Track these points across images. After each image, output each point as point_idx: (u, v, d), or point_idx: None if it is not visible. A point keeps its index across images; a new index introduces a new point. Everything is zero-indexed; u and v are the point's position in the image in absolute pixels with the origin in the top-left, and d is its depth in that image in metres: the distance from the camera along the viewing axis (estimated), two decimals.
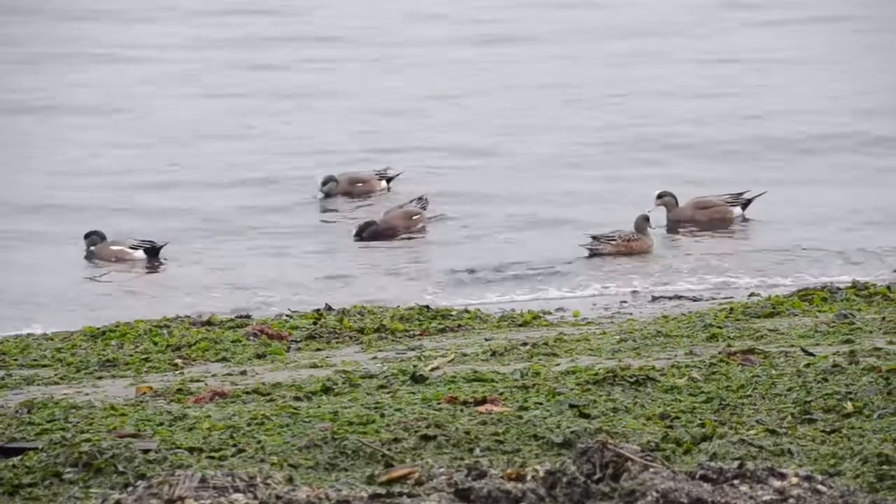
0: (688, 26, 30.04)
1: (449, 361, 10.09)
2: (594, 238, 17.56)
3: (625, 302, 15.02)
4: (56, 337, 12.18)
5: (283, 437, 7.56)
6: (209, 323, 12.48)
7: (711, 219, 18.33)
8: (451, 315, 12.82)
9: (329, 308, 13.53)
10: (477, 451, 7.36)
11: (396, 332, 12.02)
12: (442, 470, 6.28)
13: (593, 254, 17.47)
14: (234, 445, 7.45)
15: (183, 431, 7.79)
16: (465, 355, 10.39)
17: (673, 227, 18.28)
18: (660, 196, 18.28)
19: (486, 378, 9.06)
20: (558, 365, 9.66)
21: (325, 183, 19.41)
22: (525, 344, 10.70)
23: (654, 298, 15.07)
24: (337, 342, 11.76)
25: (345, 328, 12.16)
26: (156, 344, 11.50)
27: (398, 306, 13.60)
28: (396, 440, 7.44)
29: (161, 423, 7.99)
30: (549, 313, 13.55)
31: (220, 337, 11.71)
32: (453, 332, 12.15)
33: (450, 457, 7.26)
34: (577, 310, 13.89)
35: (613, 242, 17.48)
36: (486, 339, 11.38)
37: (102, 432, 7.75)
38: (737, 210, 18.43)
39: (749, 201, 18.42)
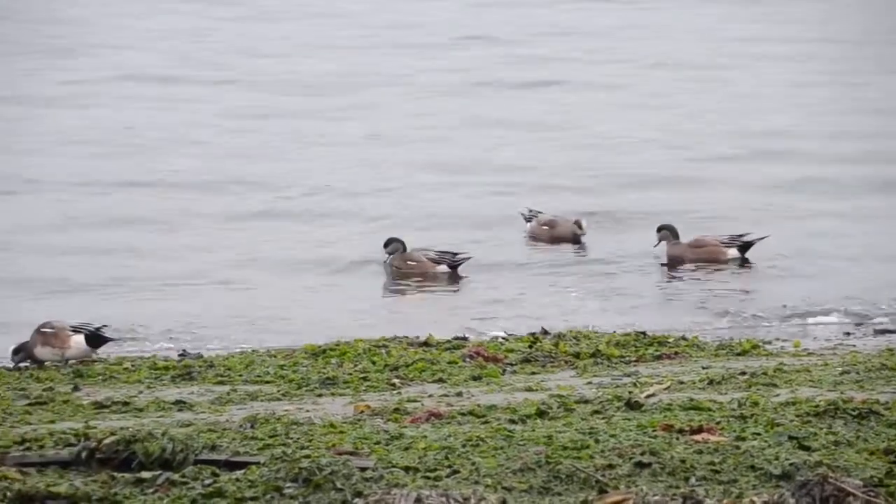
0: None
1: (665, 389, 10.00)
2: None
3: (848, 334, 14.67)
4: (279, 354, 12.46)
5: (497, 459, 7.59)
6: (426, 344, 12.62)
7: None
8: (668, 342, 12.70)
9: (545, 332, 13.55)
10: (692, 479, 7.27)
11: (612, 358, 11.96)
12: (656, 498, 6.23)
13: None
14: (449, 466, 7.51)
15: (399, 451, 7.88)
16: (681, 383, 10.28)
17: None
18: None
19: (703, 406, 8.96)
20: (777, 395, 9.49)
21: (386, 245, 17.37)
22: (743, 373, 10.54)
23: (878, 331, 14.69)
24: (552, 366, 11.76)
25: (560, 352, 12.15)
26: (374, 363, 11.67)
27: (614, 332, 13.53)
28: (611, 466, 7.40)
29: (378, 442, 8.10)
30: (769, 343, 13.32)
31: (436, 358, 11.82)
32: (669, 359, 12.03)
33: (664, 485, 7.19)
34: (798, 340, 13.62)
35: None
36: (704, 368, 11.24)
37: (321, 449, 7.90)
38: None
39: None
